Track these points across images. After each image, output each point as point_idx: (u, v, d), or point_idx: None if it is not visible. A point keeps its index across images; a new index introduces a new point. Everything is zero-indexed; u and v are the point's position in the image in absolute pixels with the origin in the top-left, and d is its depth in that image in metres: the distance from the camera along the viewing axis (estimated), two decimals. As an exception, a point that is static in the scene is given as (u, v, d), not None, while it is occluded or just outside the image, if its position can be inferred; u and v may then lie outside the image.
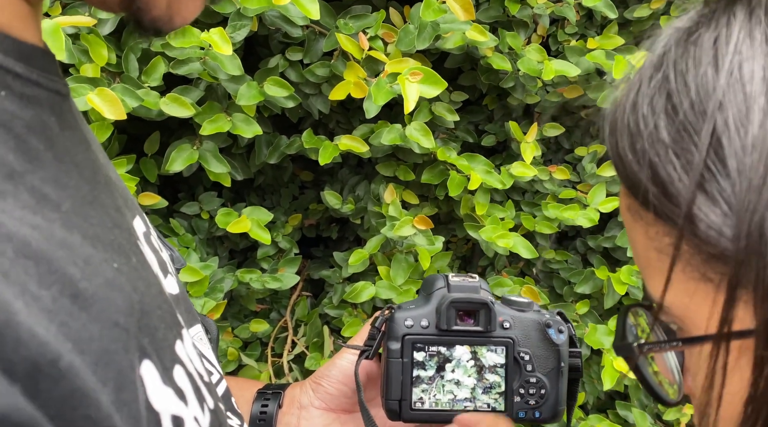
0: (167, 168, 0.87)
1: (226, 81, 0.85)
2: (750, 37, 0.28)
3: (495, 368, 0.53)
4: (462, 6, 0.81)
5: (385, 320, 0.54)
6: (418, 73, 0.80)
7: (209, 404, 0.33)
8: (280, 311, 1.06)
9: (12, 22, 0.28)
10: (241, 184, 1.06)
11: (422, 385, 0.53)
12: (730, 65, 0.28)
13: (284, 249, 1.02)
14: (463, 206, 1.00)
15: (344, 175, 1.10)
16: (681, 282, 0.30)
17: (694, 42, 0.30)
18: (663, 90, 0.30)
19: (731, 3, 0.30)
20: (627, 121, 0.31)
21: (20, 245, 0.23)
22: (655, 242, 0.31)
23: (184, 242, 0.94)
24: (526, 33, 1.02)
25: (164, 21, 0.31)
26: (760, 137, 0.27)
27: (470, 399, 0.53)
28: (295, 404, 0.56)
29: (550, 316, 0.54)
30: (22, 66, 0.27)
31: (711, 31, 0.30)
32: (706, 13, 0.31)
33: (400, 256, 0.95)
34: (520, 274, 1.10)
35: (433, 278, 0.56)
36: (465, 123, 1.07)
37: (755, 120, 0.27)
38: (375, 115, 0.84)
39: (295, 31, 0.88)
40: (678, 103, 0.29)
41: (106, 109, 0.71)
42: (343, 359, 0.56)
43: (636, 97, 0.31)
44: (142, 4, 0.30)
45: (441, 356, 0.53)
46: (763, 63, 0.28)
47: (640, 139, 0.30)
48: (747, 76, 0.28)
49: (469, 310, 0.53)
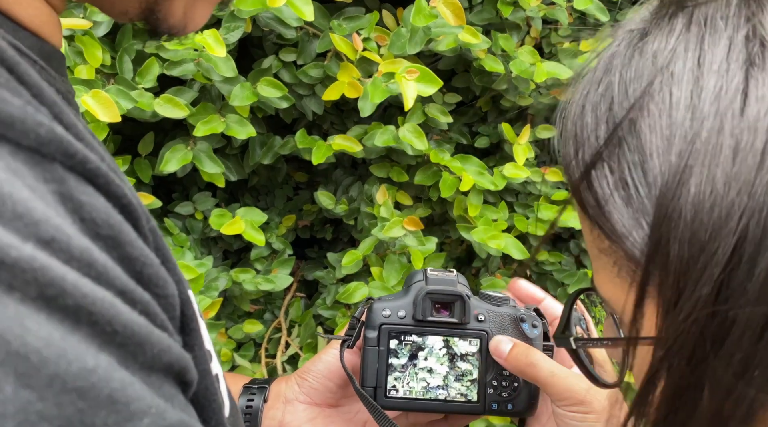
0: (161, 168, 0.87)
1: (219, 82, 0.86)
2: (683, 59, 0.29)
3: (467, 357, 0.55)
4: (452, 11, 0.81)
5: (364, 310, 0.56)
6: (415, 71, 0.81)
7: None
8: (274, 311, 1.06)
9: (43, 26, 0.30)
10: (235, 185, 1.06)
11: (395, 373, 0.54)
12: (660, 86, 0.29)
13: (278, 250, 1.03)
14: (456, 207, 1.00)
15: (338, 176, 1.10)
16: (615, 279, 0.31)
17: (640, 50, 0.31)
18: (607, 98, 0.31)
19: (675, 12, 0.31)
20: (574, 126, 0.32)
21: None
22: (597, 241, 0.32)
23: (178, 242, 0.94)
24: (519, 35, 1.02)
25: (179, 28, 0.33)
26: (676, 165, 0.27)
27: (443, 386, 0.55)
28: (281, 398, 0.57)
29: (524, 311, 0.56)
30: (43, 63, 0.29)
31: (654, 40, 0.31)
32: (656, 14, 0.32)
33: (393, 257, 0.95)
34: (513, 275, 1.10)
35: (413, 273, 0.58)
36: (458, 124, 1.08)
37: (675, 148, 0.28)
38: (369, 114, 0.85)
39: (288, 33, 0.89)
40: (617, 115, 0.30)
41: (101, 111, 0.71)
42: (329, 354, 0.57)
43: (584, 102, 0.32)
44: (161, 15, 0.32)
45: (414, 344, 0.54)
46: (690, 89, 0.28)
47: (582, 148, 0.31)
48: (674, 100, 0.28)
49: (445, 302, 0.54)
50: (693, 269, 0.27)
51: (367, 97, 0.82)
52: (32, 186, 0.21)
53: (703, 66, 0.28)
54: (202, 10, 0.34)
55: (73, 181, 0.22)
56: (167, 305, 0.25)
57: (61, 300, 0.19)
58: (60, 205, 0.21)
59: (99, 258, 0.21)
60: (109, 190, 0.24)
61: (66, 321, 0.19)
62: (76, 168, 0.23)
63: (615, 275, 0.31)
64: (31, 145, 0.21)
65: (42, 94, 0.25)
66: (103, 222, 0.22)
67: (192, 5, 0.33)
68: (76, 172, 0.23)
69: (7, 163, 0.20)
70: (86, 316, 0.20)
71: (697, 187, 0.27)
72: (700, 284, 0.26)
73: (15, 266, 0.18)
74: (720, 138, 0.27)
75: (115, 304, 0.21)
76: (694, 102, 0.28)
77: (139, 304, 0.23)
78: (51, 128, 0.22)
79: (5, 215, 0.19)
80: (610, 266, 0.31)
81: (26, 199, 0.20)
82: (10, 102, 0.21)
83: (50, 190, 0.21)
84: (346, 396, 0.58)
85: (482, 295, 0.57)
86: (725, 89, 0.27)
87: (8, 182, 0.20)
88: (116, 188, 0.24)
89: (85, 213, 0.22)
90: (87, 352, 0.19)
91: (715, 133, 0.27)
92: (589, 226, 0.32)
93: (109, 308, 0.20)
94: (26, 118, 0.21)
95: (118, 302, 0.21)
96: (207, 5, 0.34)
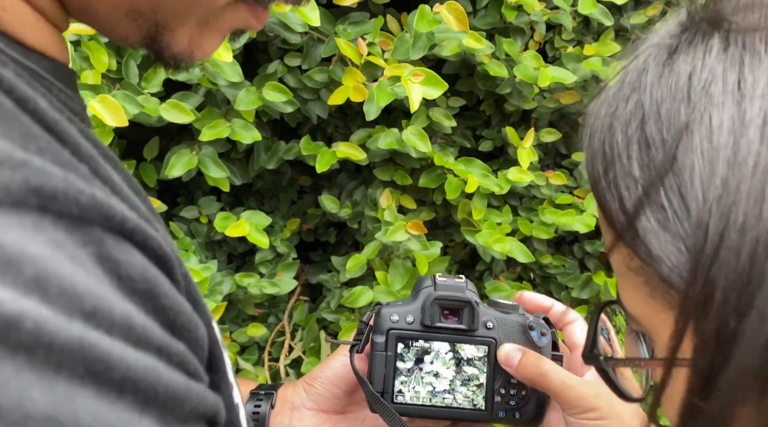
0: (167, 173, 0.88)
1: (225, 87, 0.86)
2: (723, 80, 0.28)
3: (473, 361, 0.55)
4: (456, 17, 0.81)
5: (373, 315, 0.56)
6: (420, 74, 0.81)
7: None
8: (278, 315, 1.06)
9: (51, 47, 0.30)
10: (240, 189, 1.07)
11: (401, 377, 0.54)
12: (700, 108, 0.28)
13: (282, 253, 1.03)
14: (460, 211, 1.00)
15: (342, 179, 1.10)
16: (647, 299, 0.31)
17: (671, 68, 0.30)
18: (637, 116, 0.30)
19: (709, 31, 0.30)
20: (602, 144, 0.31)
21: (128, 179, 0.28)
22: (626, 260, 0.31)
23: (183, 245, 0.95)
24: (523, 40, 1.02)
25: (185, 56, 0.33)
26: (720, 190, 0.27)
27: (449, 391, 0.55)
28: (288, 404, 0.57)
29: (533, 319, 0.56)
30: (60, 84, 0.30)
31: (688, 59, 0.30)
32: (685, 31, 0.31)
33: (397, 261, 0.95)
34: (517, 278, 1.10)
35: (422, 279, 0.58)
36: (462, 128, 1.08)
37: (718, 173, 0.27)
38: (374, 117, 0.85)
39: (293, 38, 0.89)
40: (650, 137, 0.29)
41: (108, 116, 0.71)
42: (336, 360, 0.57)
43: (612, 119, 0.31)
44: (164, 43, 0.32)
45: (420, 348, 0.54)
46: (732, 113, 0.27)
47: (613, 168, 0.30)
48: (716, 124, 0.28)
49: (454, 308, 0.54)
50: (736, 298, 0.26)
51: (373, 100, 0.83)
52: (73, 255, 0.22)
53: (744, 90, 0.28)
54: (210, 40, 0.34)
55: (111, 241, 0.24)
56: (197, 347, 0.27)
57: (107, 374, 0.20)
58: (98, 266, 0.23)
59: (138, 321, 0.23)
60: (145, 245, 0.25)
61: (111, 393, 0.20)
62: (115, 228, 0.24)
63: (647, 295, 0.30)
64: (73, 213, 0.22)
65: (80, 151, 0.26)
66: (140, 277, 0.24)
67: (198, 35, 0.33)
68: (114, 232, 0.24)
69: (50, 235, 0.21)
70: (130, 385, 0.21)
71: (744, 216, 0.26)
72: (744, 313, 0.26)
73: (64, 349, 0.19)
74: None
75: (156, 367, 0.22)
76: (736, 127, 0.27)
77: (175, 356, 0.24)
78: (92, 195, 0.23)
79: (51, 293, 0.20)
80: (641, 284, 0.31)
81: (69, 273, 0.21)
82: (54, 174, 0.22)
83: (89, 252, 0.23)
84: (354, 403, 0.58)
85: (491, 302, 0.57)
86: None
87: (52, 258, 0.21)
88: (152, 242, 0.25)
89: (122, 271, 0.23)
90: (131, 419, 0.21)
91: (763, 159, 0.26)
92: (616, 243, 0.31)
93: (151, 373, 0.22)
94: (68, 190, 0.22)
95: (158, 364, 0.23)
96: (216, 36, 0.34)
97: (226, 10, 0.33)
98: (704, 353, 0.27)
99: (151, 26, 0.31)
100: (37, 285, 0.20)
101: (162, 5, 0.30)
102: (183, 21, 0.32)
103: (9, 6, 0.28)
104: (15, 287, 0.19)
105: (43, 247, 0.21)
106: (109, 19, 0.31)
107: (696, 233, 0.27)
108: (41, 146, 0.23)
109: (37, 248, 0.20)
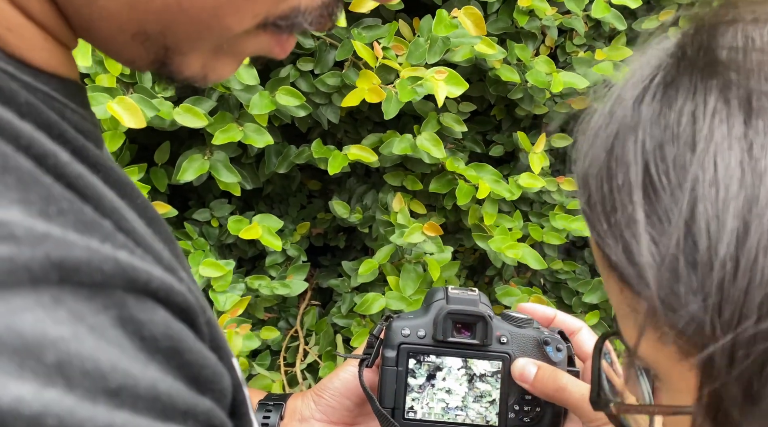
0: (179, 178, 0.87)
1: (238, 91, 0.86)
2: (727, 125, 0.27)
3: (485, 377, 0.53)
4: (473, 21, 0.81)
5: (383, 329, 0.55)
6: (444, 71, 0.81)
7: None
8: (288, 319, 1.06)
9: (60, 66, 0.30)
10: (250, 193, 1.06)
11: (413, 393, 0.53)
12: (707, 155, 0.27)
13: (292, 257, 1.03)
14: (471, 216, 1.00)
15: (352, 184, 1.10)
16: (652, 340, 0.29)
17: (670, 104, 0.29)
18: (640, 159, 0.29)
19: (705, 71, 0.28)
20: (601, 185, 0.30)
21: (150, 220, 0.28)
22: (627, 299, 0.30)
23: (198, 245, 0.94)
24: (535, 44, 1.02)
25: (198, 79, 0.31)
26: (732, 243, 0.26)
27: (461, 408, 0.53)
28: (297, 415, 0.56)
29: (549, 334, 0.54)
30: (73, 104, 0.29)
31: (689, 96, 0.28)
32: (679, 67, 0.29)
33: (409, 266, 0.95)
34: (528, 284, 1.10)
35: (434, 290, 0.57)
36: (473, 133, 1.08)
37: (728, 225, 0.26)
38: (392, 116, 0.85)
39: (306, 42, 0.89)
40: (656, 182, 0.28)
41: (127, 117, 0.71)
42: (346, 371, 0.56)
43: (610, 160, 0.30)
44: (173, 68, 0.30)
45: (432, 364, 0.53)
46: (740, 158, 0.26)
47: (615, 213, 0.29)
48: (722, 172, 0.26)
49: (466, 322, 0.53)
50: (743, 354, 0.25)
51: (392, 98, 0.83)
52: (93, 325, 0.21)
53: (753, 139, 0.26)
54: (225, 63, 0.32)
55: (133, 301, 0.23)
56: (222, 397, 0.26)
57: None
58: (120, 330, 0.22)
59: (163, 389, 0.22)
60: (169, 300, 0.24)
61: None
62: (137, 289, 0.23)
63: (655, 340, 0.29)
64: (95, 281, 0.22)
65: (103, 205, 0.25)
66: (163, 335, 0.23)
67: (213, 59, 0.31)
68: (136, 291, 0.23)
69: (69, 307, 0.21)
70: None
71: (753, 272, 0.25)
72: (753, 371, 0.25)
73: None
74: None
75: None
76: (746, 176, 0.26)
77: (202, 415, 0.24)
78: (114, 260, 0.23)
79: (75, 377, 0.20)
80: (649, 328, 0.29)
81: (91, 350, 0.20)
82: (75, 244, 0.22)
83: (111, 316, 0.22)
84: (363, 414, 0.57)
85: (504, 315, 0.55)
86: None
87: (74, 338, 0.20)
88: (176, 297, 0.25)
89: (145, 332, 0.23)
90: None
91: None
92: (618, 286, 0.30)
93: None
94: (91, 259, 0.22)
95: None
96: (231, 59, 0.32)
97: (243, 37, 0.30)
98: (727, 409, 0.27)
99: (159, 50, 0.29)
100: (59, 371, 0.19)
101: (172, 28, 0.28)
102: (195, 46, 0.30)
103: (15, 27, 0.27)
104: (36, 378, 0.19)
105: (63, 326, 0.20)
106: (114, 41, 0.29)
107: (707, 284, 0.26)
108: (62, 208, 0.23)
109: (56, 329, 0.20)
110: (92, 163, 0.28)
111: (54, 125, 0.27)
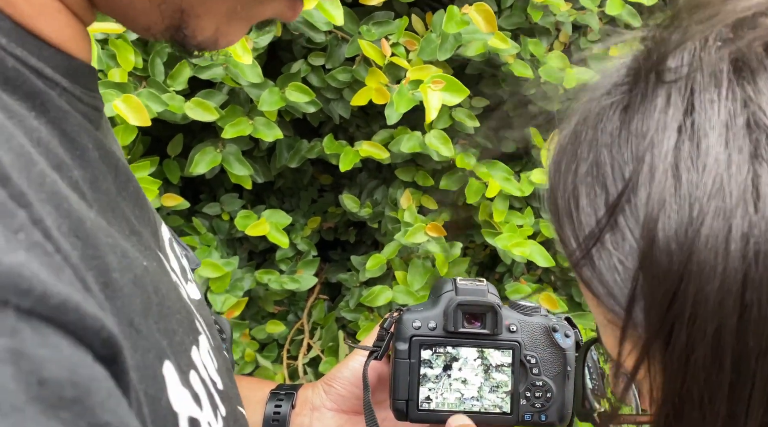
0: (191, 170, 0.88)
1: (247, 86, 0.86)
2: (678, 134, 0.27)
3: (501, 367, 0.54)
4: (484, 18, 0.81)
5: (394, 322, 0.56)
6: (440, 81, 0.81)
7: (221, 412, 0.34)
8: (297, 313, 1.07)
9: (69, 41, 0.29)
10: (261, 187, 1.07)
11: (429, 384, 0.54)
12: (660, 173, 0.27)
13: (302, 251, 1.03)
14: (481, 213, 1.00)
15: (363, 179, 1.10)
16: (630, 350, 0.30)
17: (627, 127, 0.29)
18: (600, 180, 0.30)
19: (655, 86, 0.29)
20: (568, 206, 0.31)
21: (77, 222, 0.23)
22: (604, 312, 0.31)
23: (205, 241, 0.96)
24: (548, 40, 1.01)
25: (209, 44, 0.32)
26: (681, 247, 0.26)
27: (477, 398, 0.54)
28: (308, 405, 0.57)
29: (557, 320, 0.55)
30: (67, 82, 0.29)
31: (643, 119, 0.29)
32: (633, 86, 0.30)
33: (417, 261, 0.95)
34: (538, 281, 1.09)
35: (441, 282, 0.57)
36: (484, 128, 1.07)
37: (682, 232, 0.26)
38: (396, 121, 0.85)
39: (318, 37, 0.89)
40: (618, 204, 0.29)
41: (131, 115, 0.72)
42: (355, 361, 0.57)
43: (575, 180, 0.31)
44: (188, 32, 0.31)
45: (448, 355, 0.54)
46: (692, 177, 0.27)
47: (582, 231, 0.30)
48: (672, 187, 0.27)
49: (476, 313, 0.54)
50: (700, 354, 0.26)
51: (393, 106, 0.83)
52: None
53: (701, 156, 0.27)
54: (236, 28, 0.32)
55: (29, 331, 0.18)
56: None
57: None
58: (9, 367, 0.17)
59: None
60: (77, 328, 0.19)
61: None
62: (35, 309, 0.18)
63: (632, 350, 0.30)
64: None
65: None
66: (67, 380, 0.18)
67: (226, 23, 0.31)
68: (34, 315, 0.18)
69: None
70: None
71: (701, 294, 0.26)
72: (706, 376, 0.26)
73: None
74: (729, 234, 0.25)
75: None
76: (696, 196, 0.26)
77: None
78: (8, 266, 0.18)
79: None
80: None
81: None
82: None
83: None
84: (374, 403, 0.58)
85: (512, 304, 0.56)
86: (731, 184, 0.25)
87: None
88: (91, 321, 0.20)
89: (45, 372, 0.18)
90: None
91: (722, 231, 0.26)
92: (594, 300, 0.31)
93: None
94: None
95: None
96: (243, 23, 0.32)
97: (260, 0, 0.31)
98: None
99: (175, 13, 0.30)
100: None
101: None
102: (210, 8, 0.30)
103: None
104: None
105: None
106: (133, 6, 0.30)
107: (656, 292, 0.27)
108: None
109: None
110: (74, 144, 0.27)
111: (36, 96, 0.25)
